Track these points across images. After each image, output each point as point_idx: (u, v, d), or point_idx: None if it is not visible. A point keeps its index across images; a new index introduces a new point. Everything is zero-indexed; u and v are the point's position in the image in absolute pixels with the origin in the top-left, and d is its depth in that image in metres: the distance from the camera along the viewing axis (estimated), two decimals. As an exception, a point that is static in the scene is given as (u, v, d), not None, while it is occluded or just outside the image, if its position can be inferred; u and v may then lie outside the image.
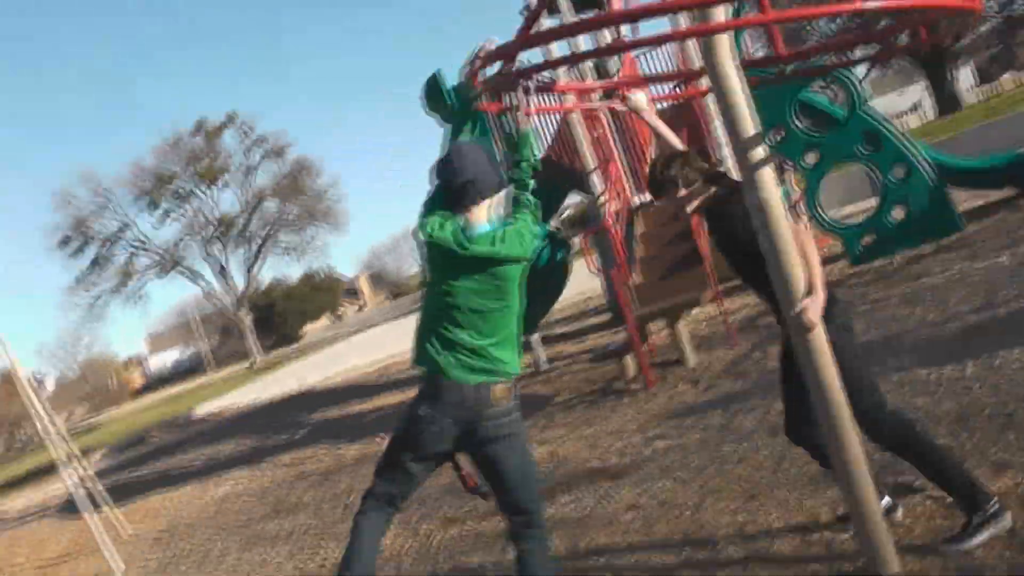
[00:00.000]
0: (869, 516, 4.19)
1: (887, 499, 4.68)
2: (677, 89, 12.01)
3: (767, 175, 4.20)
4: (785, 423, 5.02)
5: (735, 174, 4.76)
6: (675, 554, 5.35)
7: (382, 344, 27.77)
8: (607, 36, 13.92)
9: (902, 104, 73.50)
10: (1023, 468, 4.93)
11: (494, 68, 4.91)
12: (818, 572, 4.56)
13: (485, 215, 4.58)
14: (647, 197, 12.95)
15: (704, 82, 10.90)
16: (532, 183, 4.73)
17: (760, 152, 4.21)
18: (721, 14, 4.18)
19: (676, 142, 5.24)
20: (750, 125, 4.18)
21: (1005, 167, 13.78)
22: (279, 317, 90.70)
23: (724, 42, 4.21)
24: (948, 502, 4.64)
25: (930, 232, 12.43)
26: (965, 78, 71.46)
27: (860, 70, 29.81)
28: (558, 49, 12.32)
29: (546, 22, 13.00)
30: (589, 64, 13.51)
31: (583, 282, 14.88)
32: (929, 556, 4.31)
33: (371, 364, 25.16)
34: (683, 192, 4.90)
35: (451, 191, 4.56)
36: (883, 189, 12.64)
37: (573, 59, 8.00)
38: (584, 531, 6.29)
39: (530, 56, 9.89)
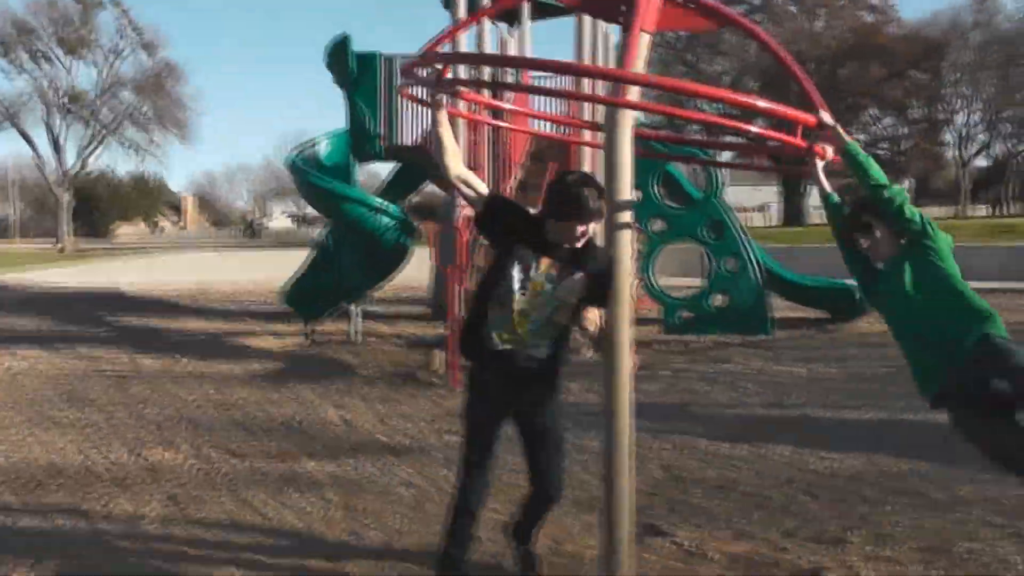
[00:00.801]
0: (619, 542, 4.81)
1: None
2: (560, 129, 12.63)
3: (627, 236, 4.80)
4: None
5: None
6: (437, 533, 5.88)
7: (202, 269, 27.57)
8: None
9: (752, 200, 76.44)
10: (761, 541, 5.72)
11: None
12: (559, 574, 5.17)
13: None
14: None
15: (587, 133, 11.67)
16: None
17: (627, 216, 4.80)
18: (636, 94, 4.75)
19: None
20: (628, 192, 4.76)
21: (825, 291, 15.04)
22: (97, 209, 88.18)
23: (628, 116, 4.79)
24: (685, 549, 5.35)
25: (742, 327, 13.46)
26: (815, 196, 74.76)
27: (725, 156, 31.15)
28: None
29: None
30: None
31: (407, 271, 15.38)
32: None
33: (186, 285, 25.02)
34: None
35: None
36: (713, 275, 13.58)
37: (489, 84, 8.46)
38: (361, 493, 6.77)
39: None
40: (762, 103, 4.34)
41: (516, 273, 4.51)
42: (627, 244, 4.80)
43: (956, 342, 4.37)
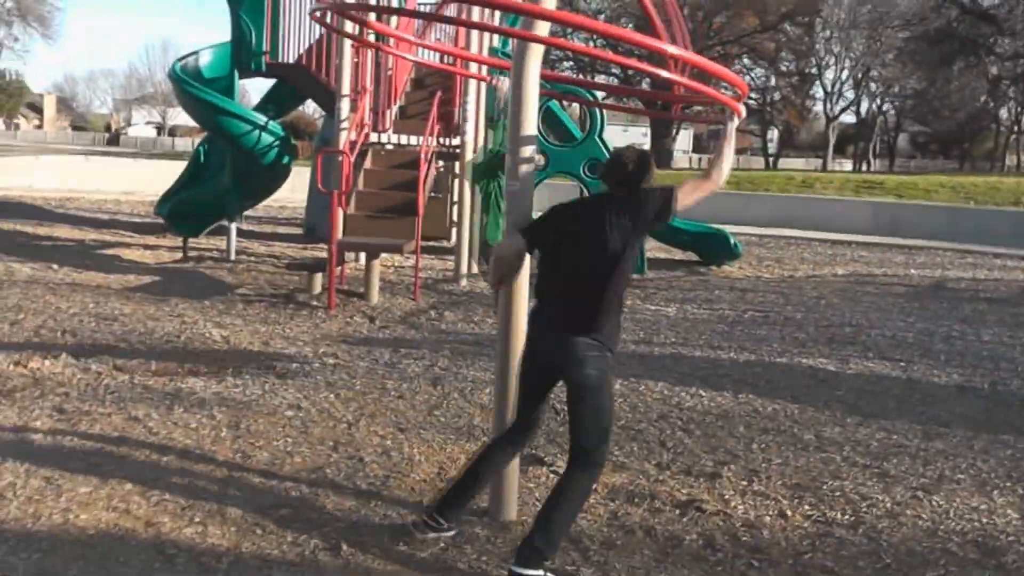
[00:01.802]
0: (508, 470, 4.99)
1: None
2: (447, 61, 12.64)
3: (530, 170, 4.94)
4: None
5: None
6: (325, 457, 5.99)
7: (66, 174, 26.75)
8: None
9: (620, 142, 77.27)
10: (637, 472, 5.99)
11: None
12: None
13: None
14: (385, 136, 13.52)
15: (473, 66, 11.71)
16: None
17: (530, 151, 4.93)
18: (546, 29, 4.86)
19: None
20: (533, 127, 4.89)
21: (700, 235, 15.46)
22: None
23: (537, 52, 4.89)
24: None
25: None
26: (683, 141, 76.28)
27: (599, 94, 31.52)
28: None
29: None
30: None
31: (280, 192, 15.32)
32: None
33: (52, 190, 24.31)
34: None
35: None
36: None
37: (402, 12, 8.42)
38: (247, 413, 6.81)
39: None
40: (715, 66, 4.55)
41: None
42: (530, 177, 4.96)
43: None
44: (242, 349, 8.92)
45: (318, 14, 5.31)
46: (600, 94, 14.45)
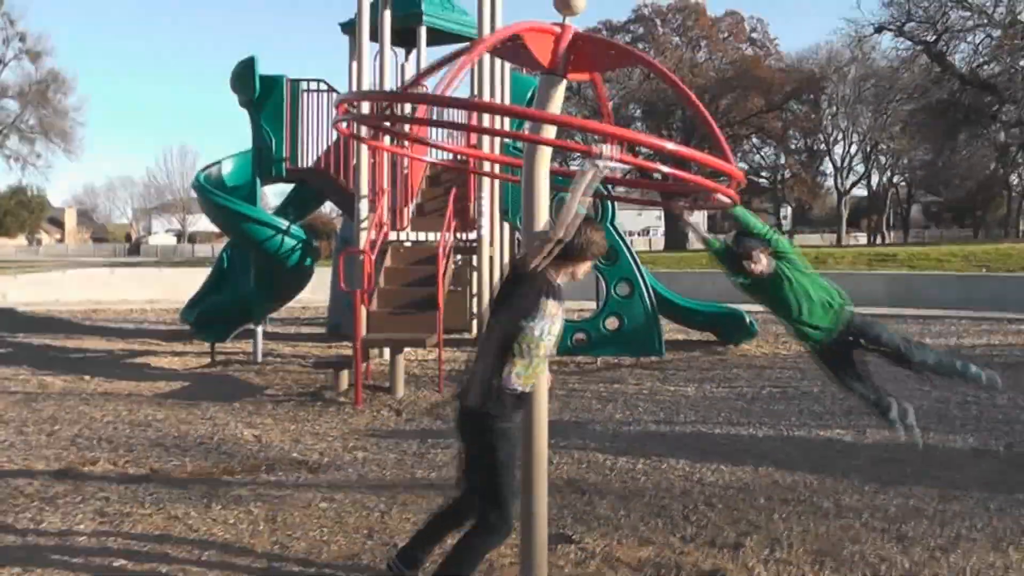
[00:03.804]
0: (538, 546, 5.22)
1: None
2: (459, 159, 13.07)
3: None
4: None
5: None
6: (360, 545, 6.22)
7: (91, 286, 27.29)
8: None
9: (636, 224, 77.93)
10: (663, 545, 6.19)
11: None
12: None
13: None
14: (403, 234, 13.90)
15: (486, 164, 12.10)
16: None
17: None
18: (553, 132, 5.20)
19: None
20: (544, 219, 5.20)
21: (715, 315, 15.78)
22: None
23: (546, 152, 5.22)
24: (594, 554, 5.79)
25: (635, 349, 14.07)
26: (697, 221, 76.56)
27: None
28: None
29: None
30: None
31: (303, 292, 15.71)
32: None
33: (78, 303, 24.75)
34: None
35: None
36: (607, 299, 14.14)
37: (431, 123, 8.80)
38: (282, 507, 7.04)
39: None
40: (711, 159, 4.90)
41: (539, 323, 4.75)
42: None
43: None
44: (274, 447, 9.16)
45: (343, 125, 5.64)
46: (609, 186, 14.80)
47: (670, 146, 4.77)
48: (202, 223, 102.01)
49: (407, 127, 6.74)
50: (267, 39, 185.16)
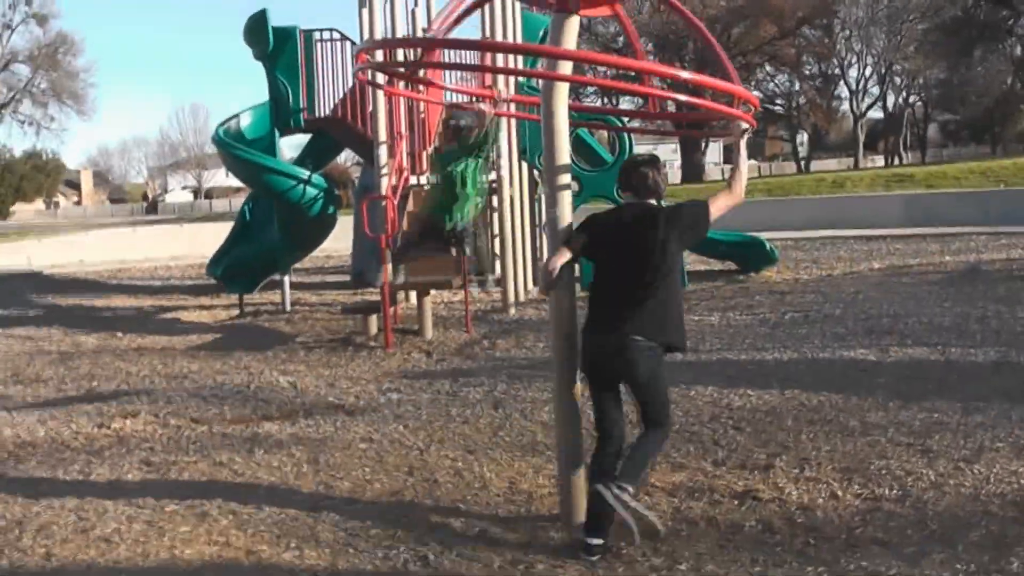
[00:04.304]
0: (575, 474, 5.41)
1: None
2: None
3: (566, 198, 5.38)
4: None
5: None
6: (402, 482, 6.43)
7: (114, 246, 27.53)
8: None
9: (651, 158, 77.53)
10: (695, 470, 6.40)
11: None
12: (517, 512, 5.75)
13: None
14: (423, 178, 14.00)
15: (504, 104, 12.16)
16: None
17: (565, 179, 5.38)
18: (569, 67, 5.31)
19: None
20: (566, 157, 5.33)
21: (736, 244, 15.84)
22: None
23: (563, 88, 5.34)
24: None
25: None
26: (713, 153, 76.56)
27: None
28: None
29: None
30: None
31: (325, 242, 15.90)
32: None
33: (103, 263, 24.99)
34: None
35: None
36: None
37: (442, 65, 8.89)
38: (323, 449, 7.27)
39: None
40: (726, 84, 5.01)
41: None
42: (567, 203, 5.39)
43: None
44: (309, 392, 9.39)
45: (362, 74, 5.77)
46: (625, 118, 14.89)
47: (684, 75, 4.89)
48: (217, 179, 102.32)
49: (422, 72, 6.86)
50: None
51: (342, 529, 5.58)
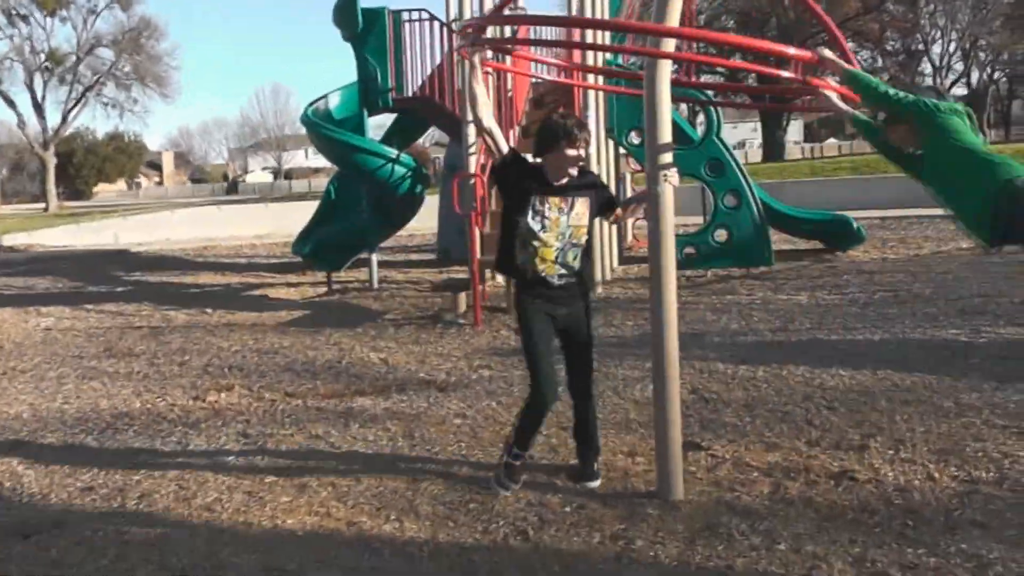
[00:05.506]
0: (672, 451, 5.43)
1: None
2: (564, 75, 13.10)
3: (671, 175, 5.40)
4: None
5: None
6: (498, 457, 6.47)
7: (199, 225, 28.03)
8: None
9: (731, 139, 76.86)
10: (790, 450, 6.36)
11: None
12: (614, 488, 5.78)
13: None
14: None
15: (591, 77, 12.16)
16: None
17: (668, 157, 5.38)
18: (672, 44, 5.32)
19: None
20: (668, 135, 5.33)
21: (823, 223, 15.72)
22: (75, 168, 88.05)
23: (665, 66, 5.34)
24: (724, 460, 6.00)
25: (744, 260, 14.12)
26: (794, 131, 75.67)
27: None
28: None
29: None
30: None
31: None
32: (706, 493, 5.58)
33: (189, 241, 25.44)
34: None
35: None
36: (715, 211, 14.20)
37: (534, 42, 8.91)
38: (418, 424, 7.36)
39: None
40: (787, 48, 4.98)
41: (532, 214, 5.42)
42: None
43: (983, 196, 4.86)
44: (401, 368, 9.50)
45: (466, 51, 5.82)
46: (710, 92, 14.79)
47: (792, 51, 4.87)
48: (297, 160, 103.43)
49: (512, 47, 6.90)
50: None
51: (441, 503, 5.66)
